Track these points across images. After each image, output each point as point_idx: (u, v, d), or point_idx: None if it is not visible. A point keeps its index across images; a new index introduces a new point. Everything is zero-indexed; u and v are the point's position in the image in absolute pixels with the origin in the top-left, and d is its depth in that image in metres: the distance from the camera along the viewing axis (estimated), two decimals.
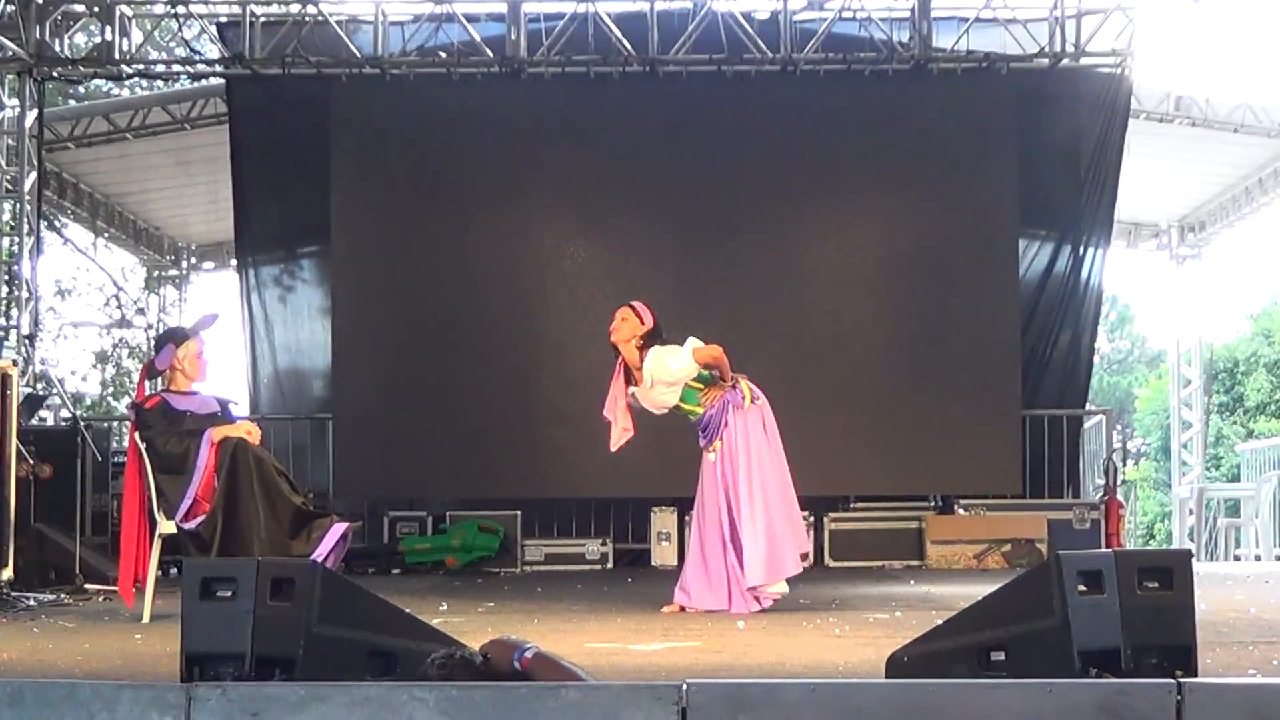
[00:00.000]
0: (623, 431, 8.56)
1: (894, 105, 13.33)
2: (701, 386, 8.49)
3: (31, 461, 10.34)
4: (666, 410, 8.56)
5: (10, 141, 13.60)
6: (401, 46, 13.43)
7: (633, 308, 8.60)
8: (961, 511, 13.24)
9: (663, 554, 12.97)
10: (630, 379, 8.52)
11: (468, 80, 13.36)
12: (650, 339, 8.50)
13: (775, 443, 8.54)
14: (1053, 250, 14.24)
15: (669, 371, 8.40)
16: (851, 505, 13.34)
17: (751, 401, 8.46)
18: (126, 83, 19.70)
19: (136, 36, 13.90)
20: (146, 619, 7.65)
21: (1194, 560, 4.84)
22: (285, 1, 14.09)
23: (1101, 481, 13.72)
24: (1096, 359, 18.15)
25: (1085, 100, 13.84)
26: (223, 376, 13.08)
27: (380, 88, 13.40)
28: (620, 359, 8.57)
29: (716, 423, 8.45)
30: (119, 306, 22.70)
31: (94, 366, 23.61)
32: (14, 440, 9.01)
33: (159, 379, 8.62)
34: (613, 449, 8.61)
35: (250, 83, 13.71)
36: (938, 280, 13.26)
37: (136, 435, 8.09)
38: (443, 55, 13.36)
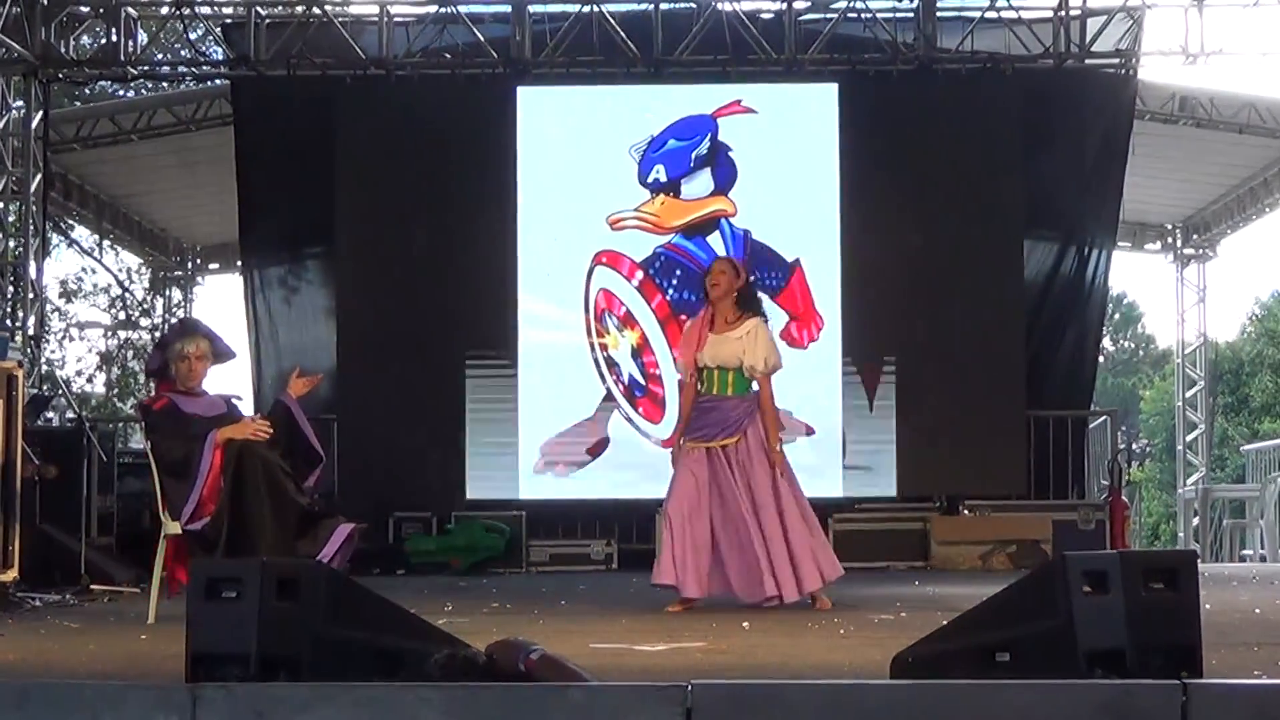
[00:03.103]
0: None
1: (898, 106, 13.33)
2: (746, 388, 8.53)
3: (37, 462, 10.34)
4: (714, 366, 8.45)
5: (16, 143, 13.61)
6: (406, 48, 13.44)
7: (730, 262, 8.78)
8: (966, 512, 13.23)
9: None
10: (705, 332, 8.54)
11: (473, 81, 13.36)
12: (743, 296, 8.57)
13: None
14: (1058, 251, 14.24)
15: (766, 348, 8.48)
16: (856, 506, 13.33)
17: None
18: (132, 84, 19.72)
19: (142, 38, 13.93)
20: (151, 619, 7.65)
21: (1199, 561, 4.84)
22: (290, 3, 14.11)
23: (1106, 482, 13.71)
24: (1101, 360, 18.15)
25: (1090, 101, 13.84)
26: (227, 378, 13.07)
27: (385, 89, 13.41)
28: (706, 312, 8.59)
29: (743, 418, 8.45)
30: (124, 308, 22.74)
31: (99, 368, 23.63)
32: (20, 441, 9.01)
33: (166, 379, 8.62)
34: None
35: (255, 84, 13.72)
36: (942, 281, 13.25)
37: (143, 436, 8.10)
38: (447, 56, 13.37)
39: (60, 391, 14.34)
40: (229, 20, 13.78)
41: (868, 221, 13.47)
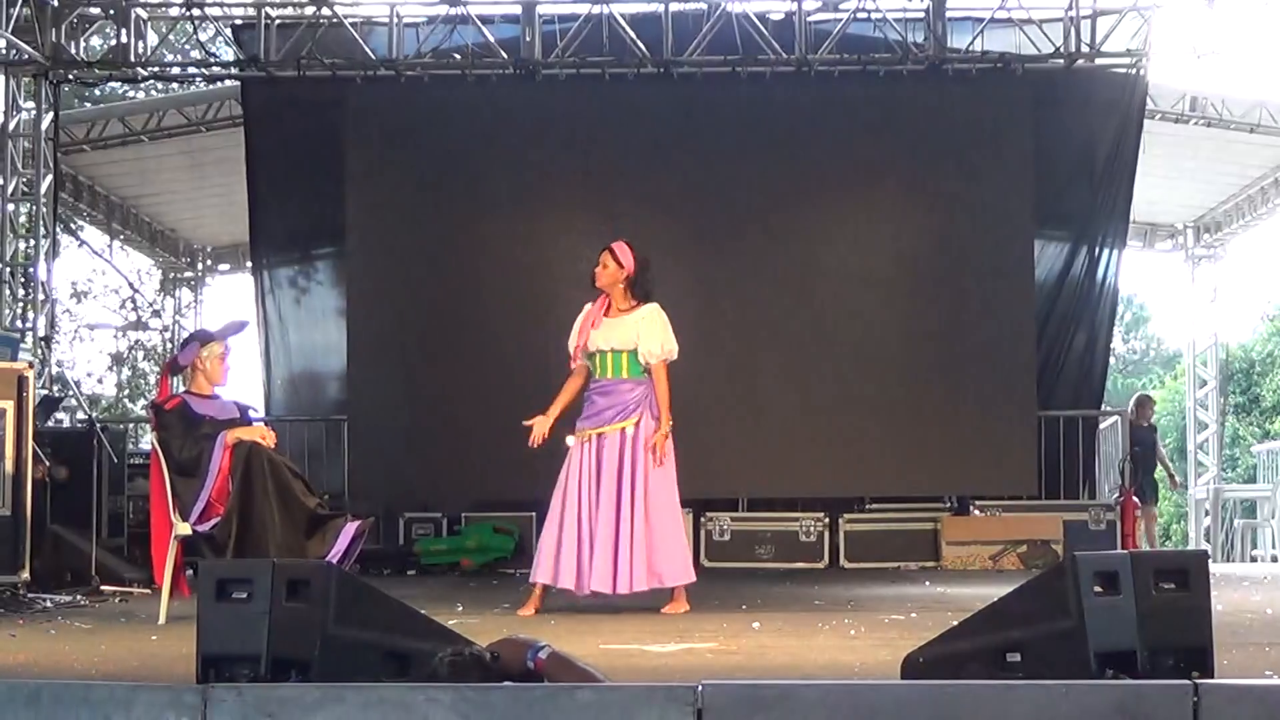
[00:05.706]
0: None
1: (909, 106, 13.31)
2: (642, 372, 8.45)
3: (47, 463, 10.36)
4: (607, 349, 8.45)
5: (26, 144, 13.63)
6: (416, 48, 13.43)
7: (611, 252, 8.58)
8: (977, 513, 13.22)
9: None
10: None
11: (482, 82, 13.36)
12: (636, 283, 8.51)
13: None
14: (1068, 251, 14.22)
15: (661, 334, 8.41)
16: (867, 506, 13.32)
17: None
18: (142, 85, 19.75)
19: (152, 39, 13.95)
20: (163, 620, 7.66)
21: (1210, 561, 4.83)
22: (300, 3, 14.11)
23: (1117, 482, 13.70)
24: (1112, 360, 18.12)
25: (1100, 101, 13.81)
26: (238, 378, 13.11)
27: (395, 89, 13.41)
28: (601, 299, 8.54)
29: (639, 403, 8.39)
30: (134, 309, 22.78)
31: (109, 369, 23.70)
32: (30, 442, 9.02)
33: (180, 378, 8.62)
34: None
35: (265, 85, 13.72)
36: (953, 281, 13.24)
37: (154, 435, 8.10)
38: (457, 57, 13.36)
39: (70, 392, 14.35)
40: (239, 21, 13.77)
41: (879, 221, 13.48)
